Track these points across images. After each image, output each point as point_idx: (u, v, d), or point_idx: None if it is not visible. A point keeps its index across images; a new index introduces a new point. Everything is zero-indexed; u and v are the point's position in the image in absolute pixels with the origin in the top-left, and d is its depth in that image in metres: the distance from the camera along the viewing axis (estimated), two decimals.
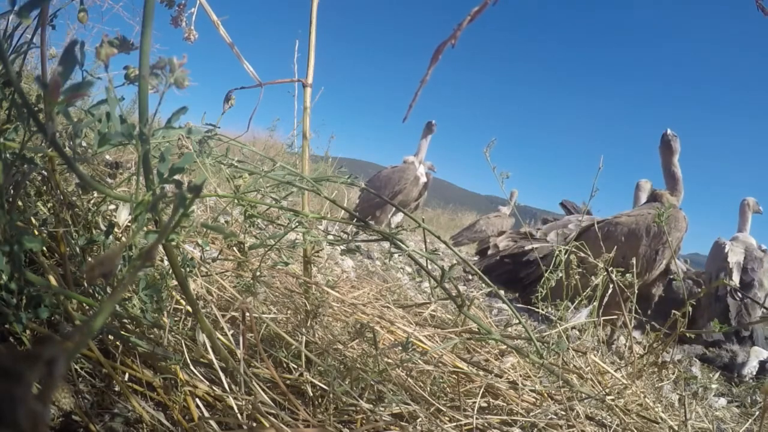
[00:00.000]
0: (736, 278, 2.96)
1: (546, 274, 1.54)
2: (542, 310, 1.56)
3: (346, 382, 0.83)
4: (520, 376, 1.05)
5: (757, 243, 3.26)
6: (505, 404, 0.95)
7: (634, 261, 1.66)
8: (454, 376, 0.97)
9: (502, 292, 0.97)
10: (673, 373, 1.39)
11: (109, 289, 0.75)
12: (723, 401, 1.88)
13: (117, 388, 0.73)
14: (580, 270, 1.58)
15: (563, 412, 0.92)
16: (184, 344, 0.77)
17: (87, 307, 0.73)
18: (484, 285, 2.86)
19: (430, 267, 0.87)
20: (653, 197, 2.76)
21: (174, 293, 0.86)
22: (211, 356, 0.73)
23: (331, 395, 0.81)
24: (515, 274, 3.26)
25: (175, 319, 0.85)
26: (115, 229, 0.82)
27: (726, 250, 3.11)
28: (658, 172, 2.76)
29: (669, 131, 2.64)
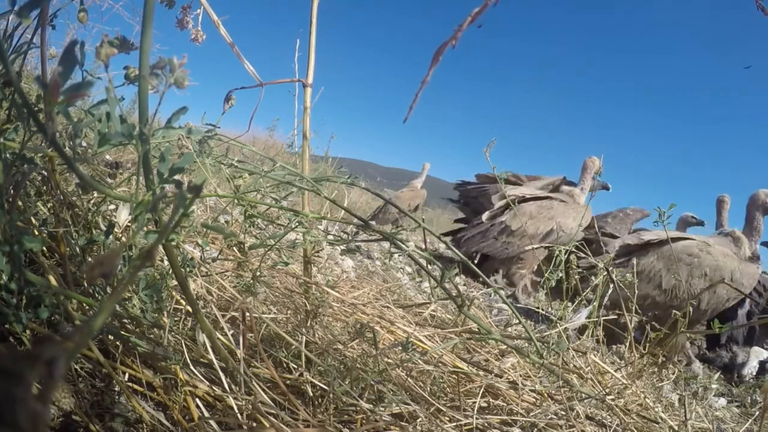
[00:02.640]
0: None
1: (546, 275, 1.54)
2: (542, 310, 1.56)
3: (346, 382, 0.83)
4: (520, 376, 1.05)
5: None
6: (505, 404, 0.95)
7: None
8: (454, 376, 0.97)
9: (502, 292, 0.97)
10: (673, 373, 1.39)
11: (109, 289, 0.75)
12: (723, 401, 1.88)
13: (117, 388, 0.73)
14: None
15: (563, 412, 0.92)
16: (184, 344, 0.77)
17: (87, 307, 0.73)
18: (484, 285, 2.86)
19: (429, 267, 0.87)
20: (728, 235, 2.73)
21: (174, 293, 0.86)
22: (211, 356, 0.73)
23: (331, 395, 0.81)
24: None
25: (175, 319, 0.85)
26: (115, 229, 0.82)
27: None
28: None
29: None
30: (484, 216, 3.46)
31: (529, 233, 3.24)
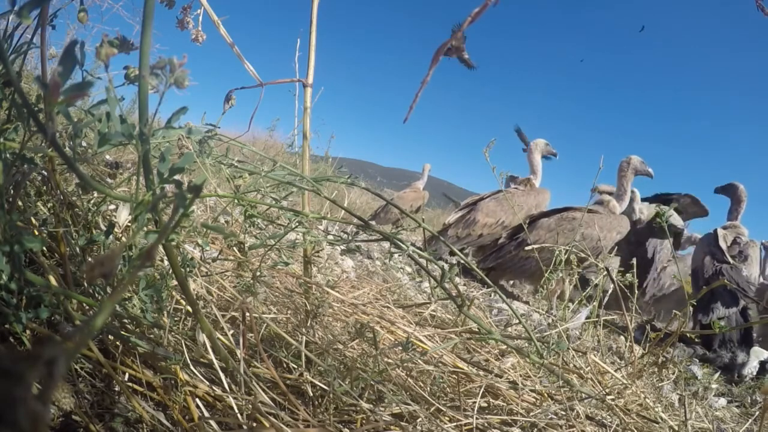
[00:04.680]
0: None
1: (546, 275, 1.54)
2: (542, 310, 1.56)
3: (346, 382, 0.83)
4: (520, 376, 1.05)
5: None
6: (505, 404, 0.95)
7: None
8: (454, 376, 0.97)
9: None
10: (673, 373, 1.39)
11: (109, 289, 0.75)
12: (723, 401, 1.88)
13: (117, 388, 0.73)
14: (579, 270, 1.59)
15: (563, 412, 0.92)
16: (184, 344, 0.77)
17: (87, 307, 0.73)
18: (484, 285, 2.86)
19: (429, 267, 0.87)
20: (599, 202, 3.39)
21: (174, 293, 0.86)
22: (211, 356, 0.73)
23: (331, 395, 0.81)
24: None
25: (175, 319, 0.85)
26: (115, 229, 0.82)
27: (720, 235, 3.09)
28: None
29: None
30: (503, 236, 3.51)
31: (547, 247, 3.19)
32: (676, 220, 3.62)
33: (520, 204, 3.64)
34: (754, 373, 2.52)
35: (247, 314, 0.72)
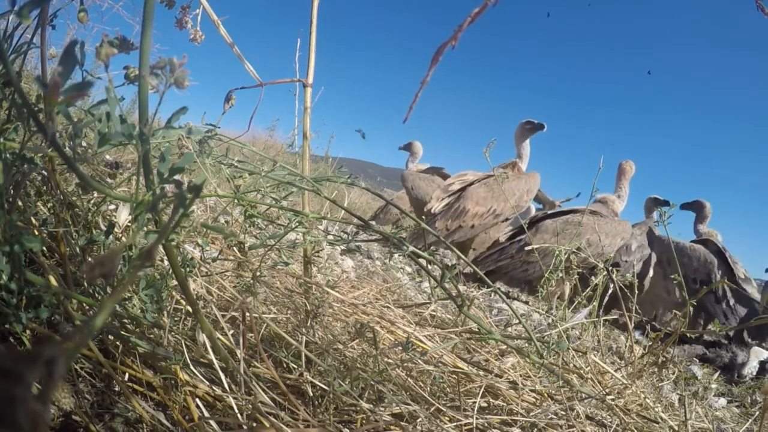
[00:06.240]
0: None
1: (546, 275, 1.54)
2: (542, 310, 1.56)
3: (346, 382, 0.83)
4: (520, 376, 1.05)
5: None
6: (505, 404, 0.95)
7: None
8: (454, 376, 0.97)
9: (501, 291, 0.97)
10: (673, 373, 1.40)
11: (109, 289, 0.75)
12: (723, 401, 1.88)
13: (117, 388, 0.73)
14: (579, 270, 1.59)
15: (563, 412, 0.92)
16: (184, 344, 0.77)
17: (87, 307, 0.73)
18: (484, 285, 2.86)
19: (429, 267, 0.87)
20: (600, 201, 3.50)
21: (174, 293, 0.86)
22: (211, 356, 0.73)
23: (331, 395, 0.81)
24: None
25: (175, 319, 0.85)
26: (115, 229, 0.82)
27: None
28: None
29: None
30: (502, 237, 3.34)
31: (551, 252, 3.02)
32: None
33: (512, 189, 3.34)
34: (754, 373, 2.52)
35: (247, 314, 0.72)
